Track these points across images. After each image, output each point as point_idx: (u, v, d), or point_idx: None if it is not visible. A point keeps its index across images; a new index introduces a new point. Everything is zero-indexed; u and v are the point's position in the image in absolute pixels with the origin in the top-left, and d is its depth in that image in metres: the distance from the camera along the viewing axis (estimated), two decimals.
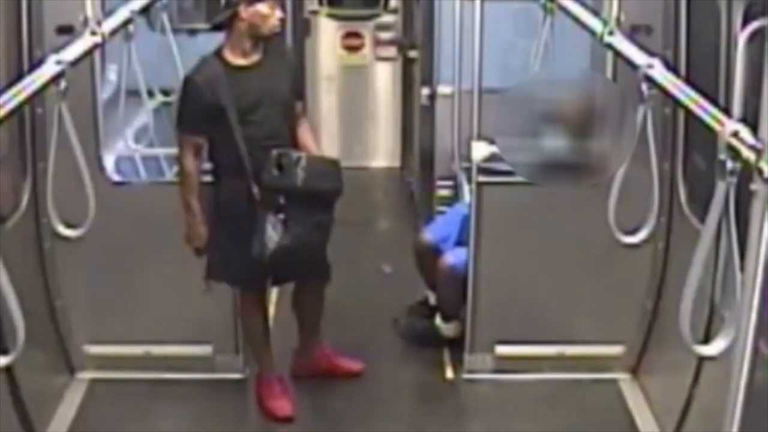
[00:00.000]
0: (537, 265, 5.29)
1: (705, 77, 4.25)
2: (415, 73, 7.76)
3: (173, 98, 6.34)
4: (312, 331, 5.34)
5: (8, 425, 4.53)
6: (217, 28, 4.83)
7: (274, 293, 5.88)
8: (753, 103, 3.11)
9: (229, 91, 4.65)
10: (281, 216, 4.71)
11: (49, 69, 3.76)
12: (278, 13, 4.69)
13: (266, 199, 4.70)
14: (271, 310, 5.65)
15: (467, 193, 5.70)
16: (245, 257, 4.73)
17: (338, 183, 4.89)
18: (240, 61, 4.74)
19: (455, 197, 6.51)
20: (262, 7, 4.63)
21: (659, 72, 3.65)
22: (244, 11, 4.62)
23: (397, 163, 8.95)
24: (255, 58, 4.76)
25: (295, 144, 4.89)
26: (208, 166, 4.91)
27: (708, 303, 4.16)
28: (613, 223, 4.25)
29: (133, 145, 5.86)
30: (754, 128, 2.69)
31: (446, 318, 5.66)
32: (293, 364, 5.38)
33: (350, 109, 8.93)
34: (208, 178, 4.89)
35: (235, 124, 4.66)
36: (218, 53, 4.76)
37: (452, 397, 5.37)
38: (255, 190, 4.69)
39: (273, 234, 4.69)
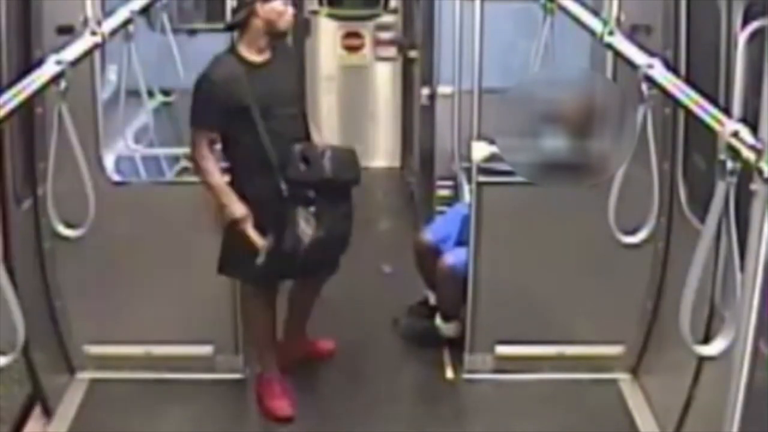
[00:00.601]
0: (537, 265, 5.29)
1: (705, 77, 4.25)
2: (415, 73, 7.76)
3: (173, 98, 6.37)
4: (304, 322, 5.39)
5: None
6: (228, 28, 4.89)
7: None
8: (753, 103, 3.11)
9: (250, 89, 4.70)
10: (312, 209, 4.76)
11: (49, 69, 3.76)
12: (291, 9, 4.77)
13: (295, 194, 4.74)
14: None
15: (467, 193, 5.70)
16: (268, 253, 4.75)
17: (359, 171, 5.00)
18: (257, 59, 4.79)
19: (455, 197, 6.51)
20: (277, 4, 4.71)
21: (659, 72, 3.65)
22: (261, 9, 4.69)
23: (397, 163, 8.95)
24: (268, 55, 4.82)
25: (307, 138, 4.95)
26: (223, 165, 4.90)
27: (708, 303, 4.16)
28: (613, 223, 4.25)
29: (133, 145, 5.86)
30: (754, 128, 2.69)
31: (446, 318, 5.66)
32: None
33: (350, 109, 8.93)
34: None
35: (259, 120, 4.70)
36: (233, 52, 4.80)
37: (452, 397, 5.36)
38: (283, 185, 4.72)
39: (306, 228, 4.74)
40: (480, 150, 5.13)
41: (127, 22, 4.67)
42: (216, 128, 4.77)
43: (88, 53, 4.27)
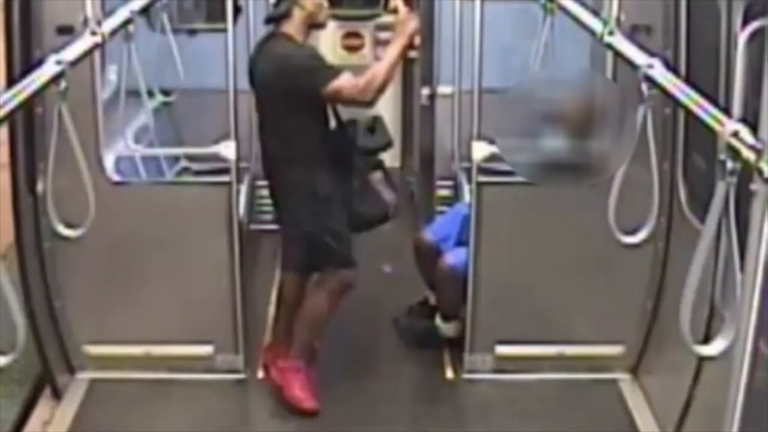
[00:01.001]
0: (537, 265, 5.29)
1: (705, 77, 4.25)
2: (415, 73, 7.75)
3: (173, 98, 6.37)
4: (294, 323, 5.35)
5: None
6: (268, 21, 4.98)
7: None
8: (753, 103, 3.11)
9: None
10: (381, 175, 5.09)
11: (49, 69, 3.75)
12: (325, 2, 4.96)
13: (365, 163, 5.04)
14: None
15: (467, 193, 5.70)
16: (345, 231, 5.01)
17: None
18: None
19: (455, 197, 6.51)
20: None
21: (659, 72, 3.65)
22: (306, 0, 4.84)
23: (397, 163, 8.92)
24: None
25: None
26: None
27: (708, 303, 4.17)
28: (613, 223, 4.24)
29: (133, 145, 5.86)
30: (754, 128, 2.69)
31: (446, 318, 5.66)
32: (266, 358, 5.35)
33: (350, 109, 8.90)
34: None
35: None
36: (284, 36, 4.88)
37: (452, 397, 5.37)
38: (355, 157, 5.00)
39: (388, 191, 5.06)
40: (480, 150, 5.13)
41: (127, 22, 4.67)
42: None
43: (88, 53, 4.26)
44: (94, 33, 4.22)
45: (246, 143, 6.06)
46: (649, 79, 3.67)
